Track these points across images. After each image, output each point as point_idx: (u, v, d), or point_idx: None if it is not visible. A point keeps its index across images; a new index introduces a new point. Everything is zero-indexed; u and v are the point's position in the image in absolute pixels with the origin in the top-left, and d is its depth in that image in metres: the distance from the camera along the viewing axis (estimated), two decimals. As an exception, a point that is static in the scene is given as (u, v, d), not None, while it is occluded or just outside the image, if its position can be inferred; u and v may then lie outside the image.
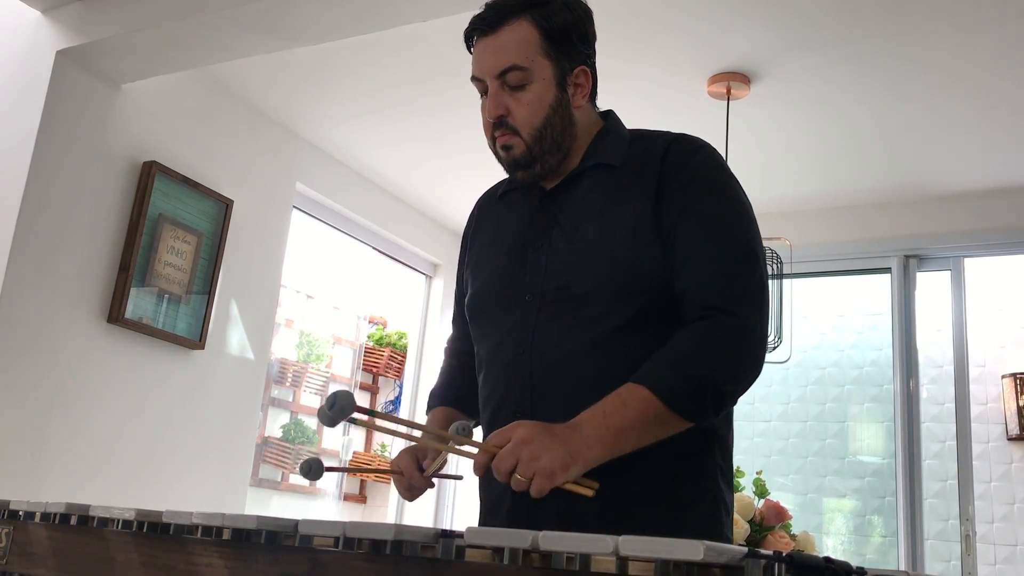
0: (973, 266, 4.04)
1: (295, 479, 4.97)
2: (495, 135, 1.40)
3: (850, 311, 4.46)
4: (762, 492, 2.80)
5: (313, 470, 1.30)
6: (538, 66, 1.37)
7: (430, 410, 1.57)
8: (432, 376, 4.73)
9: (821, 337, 4.47)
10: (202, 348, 3.39)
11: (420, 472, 1.38)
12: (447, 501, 4.64)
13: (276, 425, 4.97)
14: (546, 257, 1.39)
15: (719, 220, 1.34)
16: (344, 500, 5.28)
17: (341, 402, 1.14)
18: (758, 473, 2.87)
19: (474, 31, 1.43)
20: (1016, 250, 3.90)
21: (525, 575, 0.82)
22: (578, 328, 1.33)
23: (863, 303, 4.42)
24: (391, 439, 5.39)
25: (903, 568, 3.63)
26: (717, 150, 1.43)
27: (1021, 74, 2.97)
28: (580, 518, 1.21)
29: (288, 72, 3.39)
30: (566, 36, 1.39)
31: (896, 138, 3.49)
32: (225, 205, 3.49)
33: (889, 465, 4.08)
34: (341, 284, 5.32)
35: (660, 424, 1.23)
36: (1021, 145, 3.46)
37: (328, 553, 0.94)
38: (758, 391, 4.48)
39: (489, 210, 1.58)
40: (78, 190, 2.98)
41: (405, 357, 5.12)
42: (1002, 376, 4.19)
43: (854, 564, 0.77)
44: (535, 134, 1.38)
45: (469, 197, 4.92)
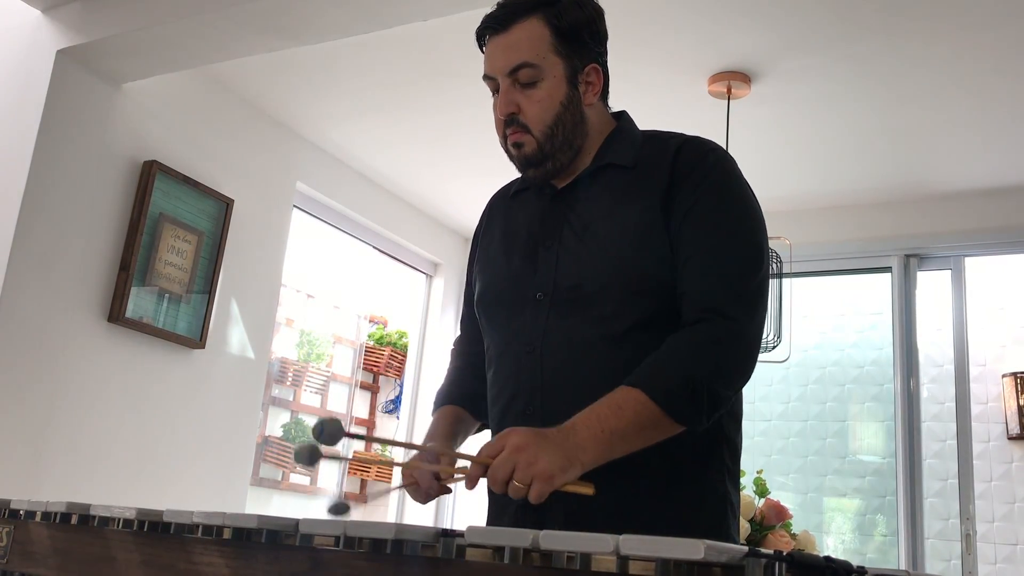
0: (973, 265, 4.03)
1: (296, 478, 4.97)
2: (506, 133, 1.40)
3: (850, 310, 4.45)
4: (763, 491, 2.80)
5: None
6: (549, 63, 1.37)
7: (436, 409, 1.54)
8: (433, 376, 4.76)
9: (821, 336, 4.47)
10: (202, 347, 3.39)
11: (435, 480, 1.36)
12: (448, 500, 4.63)
13: (276, 424, 4.97)
14: (557, 256, 1.39)
15: (723, 223, 1.33)
16: (344, 499, 5.27)
17: (329, 429, 1.13)
18: (759, 472, 2.87)
19: (486, 29, 1.42)
20: (1017, 249, 3.90)
21: (526, 574, 0.82)
22: (588, 327, 1.33)
23: (863, 302, 4.42)
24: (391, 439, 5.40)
25: (903, 567, 3.63)
26: (728, 153, 1.42)
27: (1021, 74, 2.97)
28: (588, 518, 1.21)
29: (288, 72, 3.39)
30: (577, 34, 1.39)
31: (896, 138, 3.49)
32: (226, 204, 3.49)
33: (889, 464, 4.08)
34: (341, 283, 5.32)
35: (654, 427, 1.22)
36: (1021, 145, 3.46)
37: (329, 552, 0.94)
38: (758, 391, 4.48)
39: (500, 209, 1.57)
40: (78, 189, 2.98)
41: (406, 356, 5.12)
42: (1002, 375, 4.18)
43: (854, 563, 0.77)
44: (546, 131, 1.38)
45: (470, 196, 4.93)
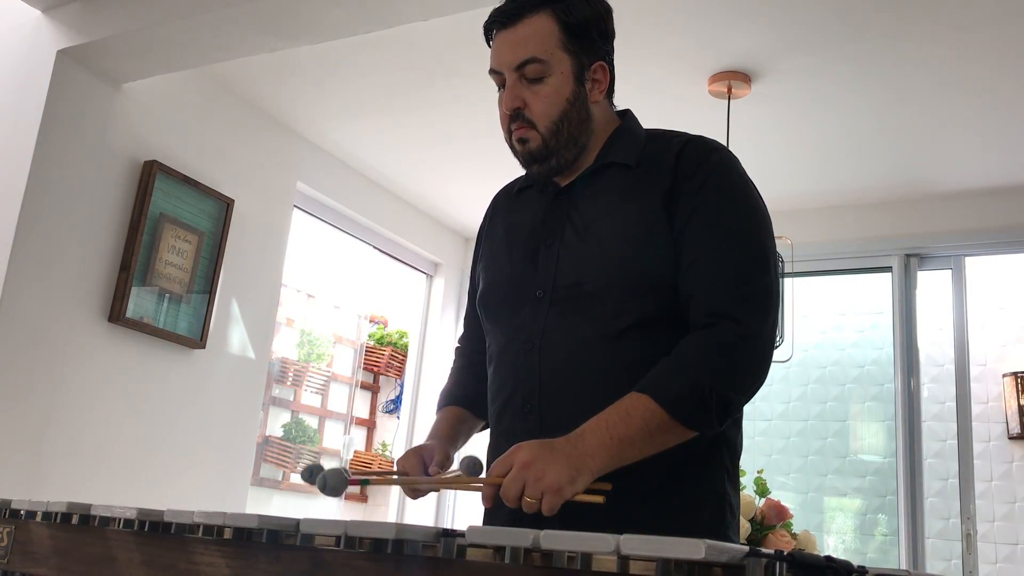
0: (974, 265, 4.03)
1: (296, 478, 4.97)
2: (511, 128, 1.40)
3: (851, 310, 4.46)
4: (763, 491, 2.80)
5: (329, 486, 1.22)
6: (557, 59, 1.36)
7: (440, 410, 1.55)
8: (433, 375, 4.76)
9: (822, 336, 4.47)
10: (203, 347, 3.39)
11: (426, 474, 1.37)
12: (448, 500, 4.64)
13: (277, 424, 4.97)
14: (557, 254, 1.38)
15: (728, 224, 1.32)
16: (345, 499, 5.28)
17: (332, 483, 1.15)
18: (759, 472, 2.87)
19: (493, 24, 1.41)
20: (1017, 249, 3.90)
21: (526, 574, 0.82)
22: (588, 325, 1.33)
23: (864, 302, 4.42)
24: (392, 438, 5.39)
25: (904, 567, 3.63)
26: (732, 152, 1.41)
27: (1021, 74, 2.97)
28: (588, 518, 1.21)
29: (288, 72, 3.39)
30: (586, 31, 1.38)
31: (896, 137, 3.49)
32: (226, 204, 3.49)
33: (890, 464, 4.08)
34: (342, 283, 5.32)
35: (664, 433, 1.22)
36: (1021, 145, 3.46)
37: (329, 552, 0.94)
38: (759, 390, 4.48)
39: (504, 207, 1.57)
40: (79, 189, 2.98)
41: (406, 356, 5.12)
42: (1003, 375, 4.18)
43: (855, 563, 0.77)
44: (552, 127, 1.37)
45: (470, 196, 4.93)
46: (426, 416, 4.68)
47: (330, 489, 1.15)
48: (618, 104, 1.52)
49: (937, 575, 1.74)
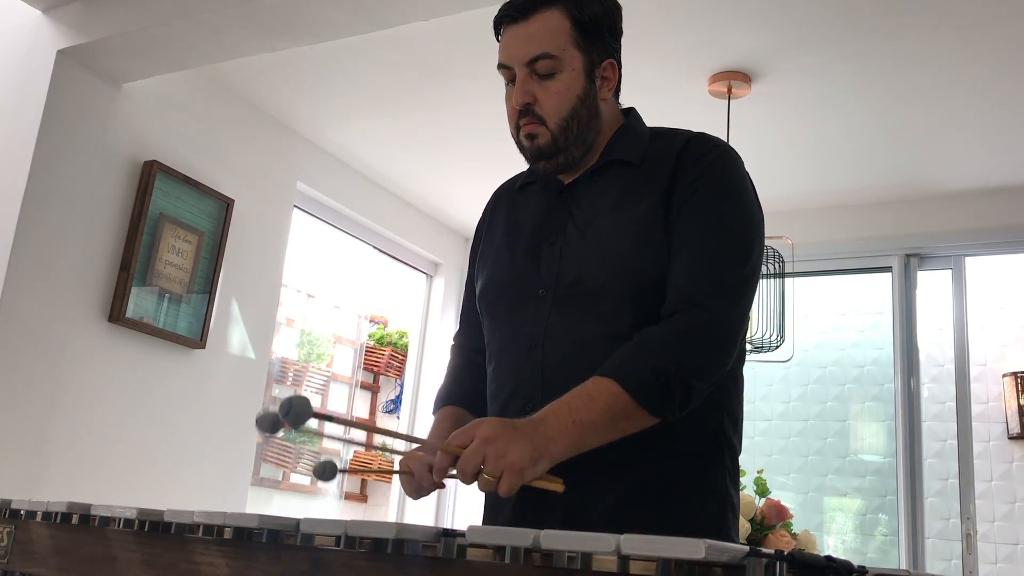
0: (974, 265, 4.03)
1: (296, 478, 4.97)
2: (520, 123, 1.39)
3: (851, 310, 4.46)
4: (763, 491, 2.80)
5: (327, 471, 1.26)
6: (568, 56, 1.36)
7: (437, 410, 1.53)
8: (434, 375, 4.76)
9: (822, 336, 4.47)
10: (203, 347, 3.39)
11: (430, 473, 1.36)
12: (449, 500, 4.64)
13: (277, 424, 4.97)
14: (560, 252, 1.38)
15: (713, 217, 1.32)
16: (345, 499, 5.28)
17: (297, 408, 1.07)
18: (759, 472, 2.87)
19: (504, 18, 1.40)
20: (1017, 249, 3.90)
21: (527, 574, 0.81)
22: (591, 323, 1.32)
23: (864, 302, 4.42)
24: (392, 439, 5.39)
25: (904, 567, 3.63)
26: (734, 150, 1.41)
27: (1021, 74, 2.97)
28: (588, 518, 1.20)
29: (288, 72, 3.39)
30: (597, 28, 1.38)
31: (896, 137, 3.49)
32: (226, 204, 3.49)
33: (890, 464, 4.08)
34: (342, 283, 5.32)
35: (626, 419, 1.21)
36: (1021, 145, 3.46)
37: (330, 552, 0.94)
38: (759, 391, 4.48)
39: (505, 203, 1.56)
40: (79, 189, 2.98)
41: (406, 356, 5.12)
42: (1003, 375, 4.18)
43: (855, 563, 0.77)
44: (561, 124, 1.36)
45: (470, 196, 4.92)
46: (426, 416, 4.67)
47: (294, 415, 1.07)
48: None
49: (937, 575, 1.73)
